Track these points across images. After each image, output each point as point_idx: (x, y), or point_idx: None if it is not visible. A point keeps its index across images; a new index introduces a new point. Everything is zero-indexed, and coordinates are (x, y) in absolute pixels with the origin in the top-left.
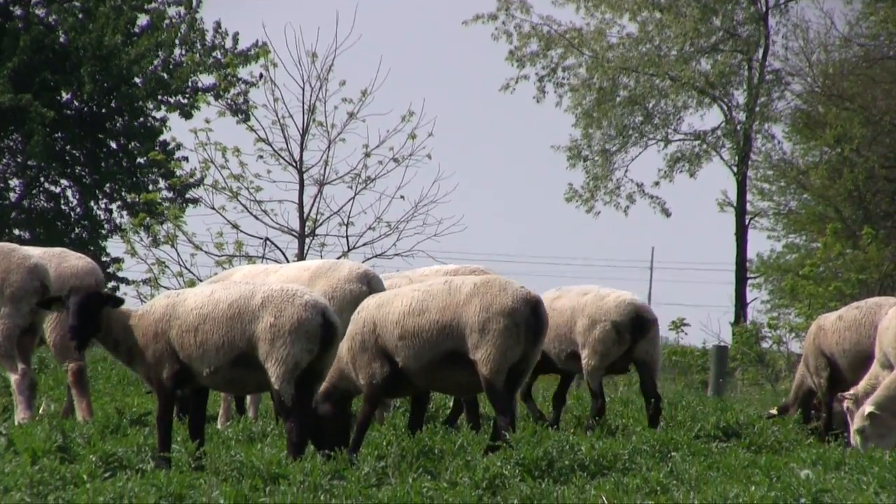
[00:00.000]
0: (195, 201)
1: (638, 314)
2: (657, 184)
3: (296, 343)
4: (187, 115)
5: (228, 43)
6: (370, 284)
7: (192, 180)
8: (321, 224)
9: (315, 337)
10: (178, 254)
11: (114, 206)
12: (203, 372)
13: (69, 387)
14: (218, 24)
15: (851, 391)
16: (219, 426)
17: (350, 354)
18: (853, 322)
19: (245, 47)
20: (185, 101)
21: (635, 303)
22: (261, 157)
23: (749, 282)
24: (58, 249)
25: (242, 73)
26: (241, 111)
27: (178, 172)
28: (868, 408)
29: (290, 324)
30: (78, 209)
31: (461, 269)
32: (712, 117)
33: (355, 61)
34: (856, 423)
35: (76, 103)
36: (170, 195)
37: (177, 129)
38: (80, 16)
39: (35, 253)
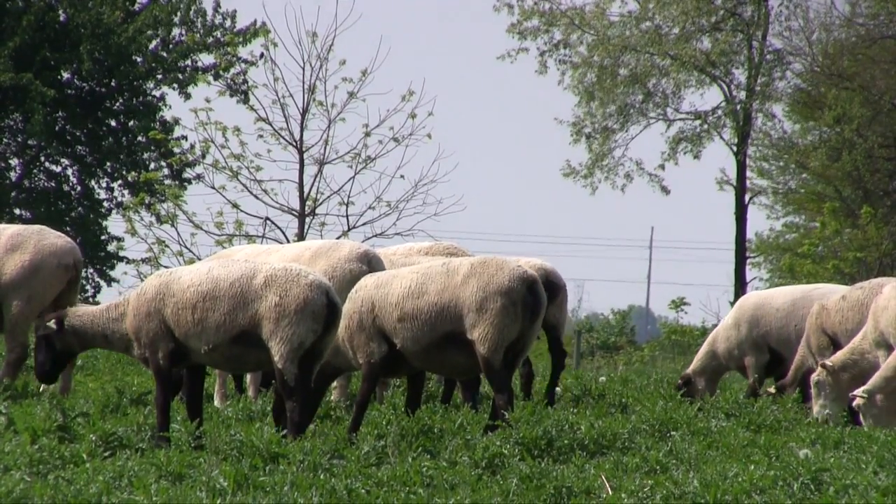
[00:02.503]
0: (194, 180)
1: (549, 279)
2: (662, 167)
3: (301, 323)
4: (185, 93)
5: (228, 22)
6: (371, 264)
7: (191, 159)
8: (321, 203)
9: (320, 317)
10: (179, 233)
11: (115, 185)
12: (201, 349)
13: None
14: (218, 4)
15: (829, 361)
16: (217, 404)
17: (348, 333)
18: (856, 302)
19: (244, 26)
20: (183, 77)
21: (545, 268)
22: (261, 136)
23: (748, 261)
24: (36, 227)
25: (242, 52)
26: (241, 91)
27: (177, 150)
28: (866, 387)
29: (296, 304)
30: (78, 188)
31: (434, 247)
32: (712, 96)
33: (355, 41)
34: (855, 402)
35: (77, 82)
36: (169, 174)
37: (176, 107)
38: None
39: (13, 230)
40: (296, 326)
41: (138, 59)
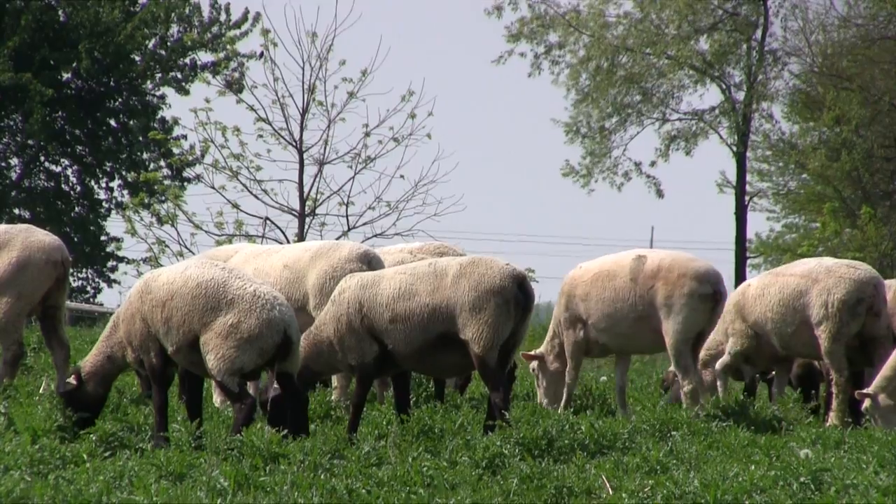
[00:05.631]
0: (193, 179)
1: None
2: (653, 164)
3: (246, 352)
4: (183, 90)
5: (223, 16)
6: (370, 264)
7: (191, 158)
8: (321, 204)
9: (267, 353)
10: (179, 233)
11: (114, 185)
12: (169, 349)
13: (57, 366)
14: (214, 1)
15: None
16: (217, 404)
17: (337, 336)
18: None
19: (238, 17)
20: (181, 75)
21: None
22: (261, 136)
23: (748, 261)
24: (24, 225)
25: (241, 47)
26: (238, 83)
27: (177, 151)
28: (870, 389)
29: (249, 334)
30: (78, 188)
31: (425, 248)
32: (711, 97)
33: (355, 40)
34: (864, 405)
35: (77, 82)
36: (169, 174)
37: (176, 106)
38: None
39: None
40: (240, 352)
41: (137, 59)
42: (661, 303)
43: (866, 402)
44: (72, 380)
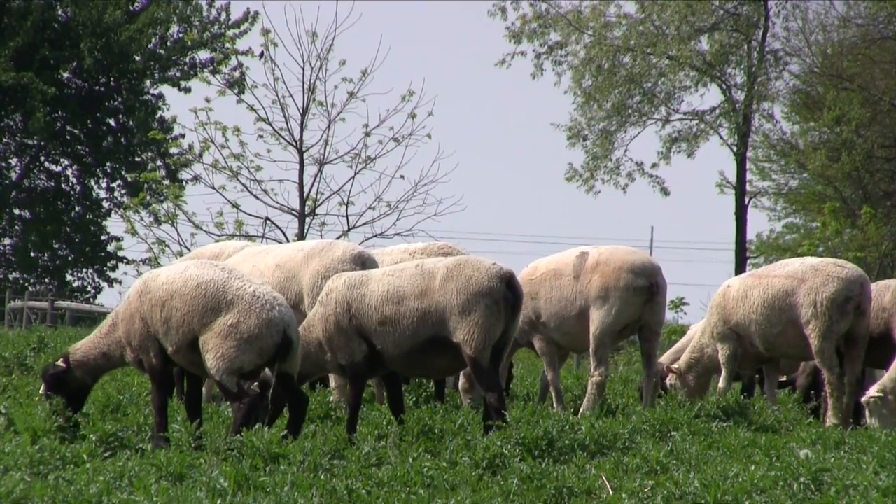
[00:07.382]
0: (191, 180)
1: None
2: (655, 165)
3: (246, 352)
4: (181, 88)
5: (223, 15)
6: (364, 265)
7: (189, 157)
8: (321, 203)
9: (266, 353)
10: (179, 233)
11: (114, 185)
12: (168, 349)
13: None
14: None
15: (676, 365)
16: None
17: (326, 336)
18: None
19: (238, 17)
20: (180, 73)
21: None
22: (261, 136)
23: (749, 261)
24: None
25: (240, 45)
26: (239, 83)
27: (174, 151)
28: (877, 388)
29: (249, 334)
30: (78, 188)
31: (429, 248)
32: (711, 97)
33: (355, 41)
34: (864, 399)
35: (78, 82)
36: (167, 174)
37: (175, 105)
38: None
39: None
40: (239, 352)
41: (137, 58)
42: (595, 295)
43: (871, 393)
44: (60, 363)
